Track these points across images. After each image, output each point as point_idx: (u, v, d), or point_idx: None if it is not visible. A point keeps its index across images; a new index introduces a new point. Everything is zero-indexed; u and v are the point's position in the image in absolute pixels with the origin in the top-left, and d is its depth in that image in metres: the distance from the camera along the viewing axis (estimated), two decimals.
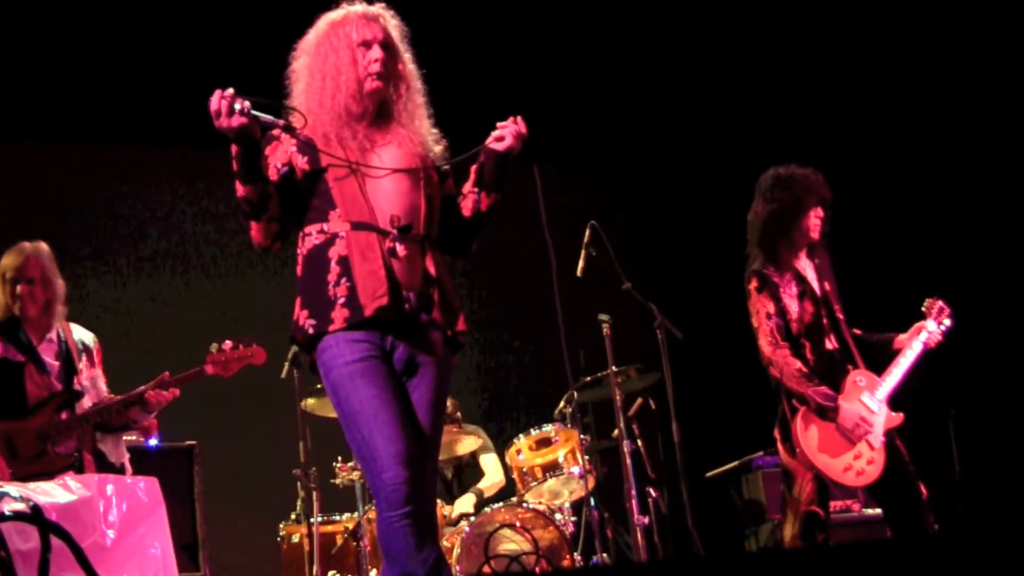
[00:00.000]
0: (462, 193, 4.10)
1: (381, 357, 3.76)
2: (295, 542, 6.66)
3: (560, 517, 6.53)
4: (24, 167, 8.02)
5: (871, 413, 5.13)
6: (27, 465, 5.23)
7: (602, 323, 6.39)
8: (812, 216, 5.27)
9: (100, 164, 8.39)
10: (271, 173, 3.85)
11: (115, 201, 8.48)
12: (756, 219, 5.33)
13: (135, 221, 8.53)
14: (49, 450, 5.30)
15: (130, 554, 4.91)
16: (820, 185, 5.30)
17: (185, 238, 8.65)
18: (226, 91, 3.64)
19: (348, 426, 3.75)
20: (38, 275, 5.48)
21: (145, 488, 5.13)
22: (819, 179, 5.31)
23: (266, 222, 3.82)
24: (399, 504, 3.62)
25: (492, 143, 4.02)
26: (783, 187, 5.27)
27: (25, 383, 5.36)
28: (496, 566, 6.19)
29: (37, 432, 5.30)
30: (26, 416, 5.33)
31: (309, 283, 3.84)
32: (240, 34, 7.62)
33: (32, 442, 5.28)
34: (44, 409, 5.36)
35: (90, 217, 8.34)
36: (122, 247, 8.46)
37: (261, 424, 7.73)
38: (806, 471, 5.12)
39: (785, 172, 5.33)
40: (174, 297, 8.49)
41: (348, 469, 6.57)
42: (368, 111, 3.93)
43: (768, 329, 5.17)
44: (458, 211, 4.09)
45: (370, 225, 3.79)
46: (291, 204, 3.87)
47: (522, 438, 6.79)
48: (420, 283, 3.83)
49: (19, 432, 5.28)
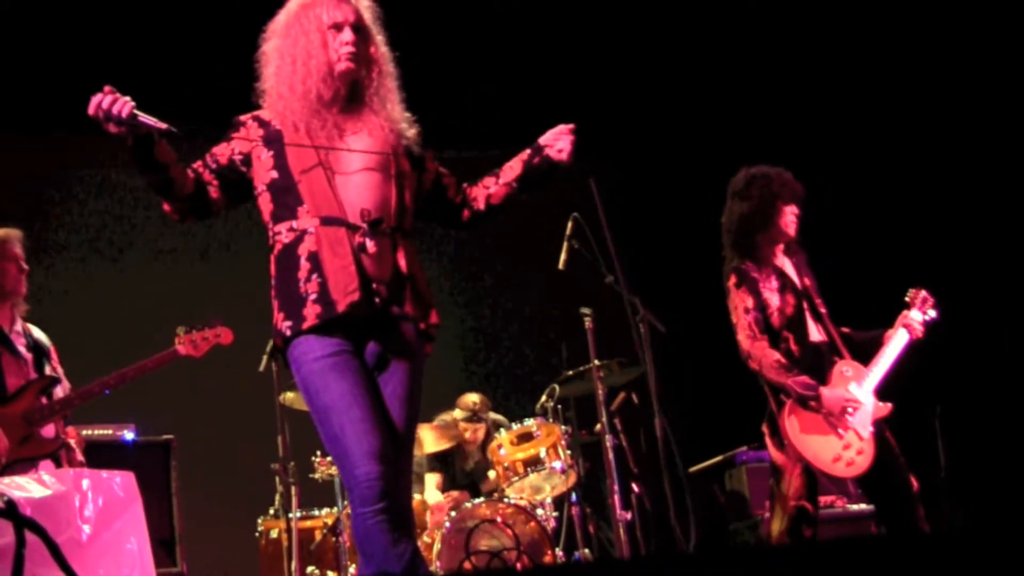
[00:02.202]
0: (484, 186, 4.06)
1: (352, 352, 3.71)
2: (273, 537, 6.63)
3: (541, 512, 6.50)
4: None
5: (858, 402, 5.12)
6: (16, 449, 5.24)
7: (584, 316, 6.34)
8: (788, 213, 5.31)
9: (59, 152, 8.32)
10: (223, 158, 3.84)
11: (72, 189, 8.41)
12: (732, 219, 5.37)
13: (93, 209, 8.46)
14: (36, 433, 5.32)
15: (106, 550, 4.87)
16: (792, 182, 5.34)
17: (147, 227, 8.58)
18: (104, 97, 3.54)
19: (320, 422, 3.69)
20: (22, 257, 5.53)
21: (121, 483, 5.09)
22: (790, 177, 5.36)
23: (173, 202, 3.79)
24: (373, 500, 3.57)
25: (554, 153, 3.98)
26: (757, 185, 5.31)
27: (3, 371, 5.36)
28: (477, 562, 6.15)
29: (22, 416, 5.31)
30: (8, 402, 5.33)
31: (281, 282, 3.79)
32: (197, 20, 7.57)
33: (18, 426, 5.28)
34: (25, 394, 5.37)
35: (45, 205, 8.25)
36: (80, 238, 8.39)
37: (239, 418, 7.68)
38: (795, 465, 5.11)
39: (757, 171, 5.38)
40: (140, 287, 8.41)
41: (327, 464, 6.54)
42: (339, 95, 3.86)
43: (746, 323, 5.19)
44: (452, 193, 4.06)
45: (339, 220, 3.73)
46: (232, 189, 3.87)
47: (503, 432, 6.77)
48: (391, 277, 3.77)
49: (3, 417, 5.27)
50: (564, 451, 6.63)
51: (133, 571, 4.93)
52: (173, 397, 7.64)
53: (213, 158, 3.86)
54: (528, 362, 8.92)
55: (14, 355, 5.42)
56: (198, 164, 3.84)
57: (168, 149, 3.67)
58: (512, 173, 4.03)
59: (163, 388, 7.30)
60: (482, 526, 6.32)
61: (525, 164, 4.02)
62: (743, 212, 5.30)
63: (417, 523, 6.12)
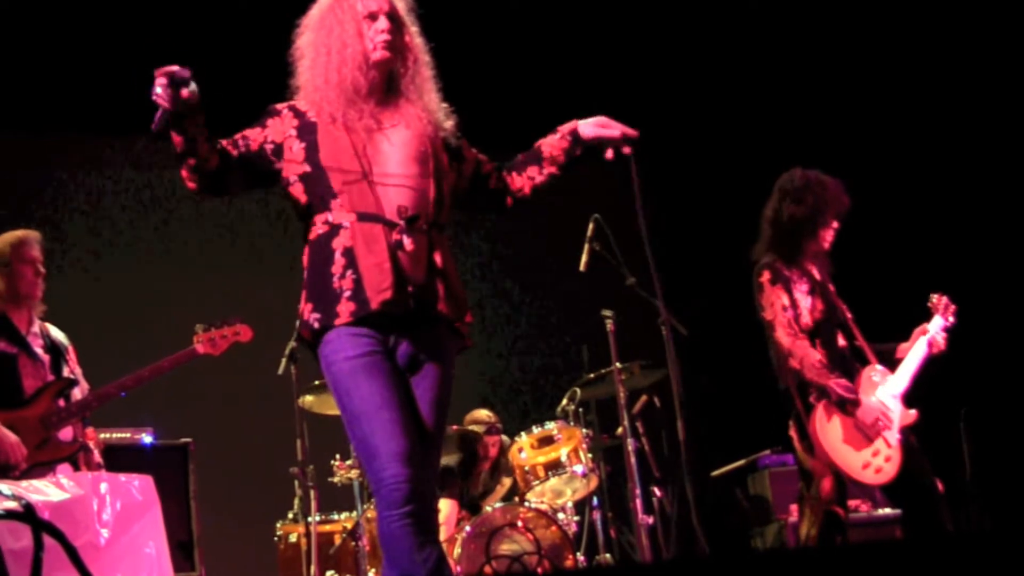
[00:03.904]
0: (529, 176, 4.01)
1: (384, 352, 3.67)
2: (292, 541, 6.59)
3: (562, 516, 6.46)
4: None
5: (888, 409, 5.06)
6: (34, 453, 5.22)
7: (605, 319, 6.29)
8: (831, 226, 5.27)
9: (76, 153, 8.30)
10: (254, 144, 3.78)
11: (89, 191, 8.40)
12: (781, 217, 5.27)
13: (113, 211, 8.45)
14: (53, 437, 5.30)
15: (124, 553, 4.84)
16: (843, 196, 5.28)
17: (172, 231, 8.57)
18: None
19: (349, 422, 3.65)
20: (40, 260, 5.53)
21: (139, 486, 5.07)
22: (842, 190, 5.29)
23: (193, 172, 3.71)
24: (400, 503, 3.53)
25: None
26: (813, 192, 5.23)
27: (20, 373, 5.34)
28: (497, 566, 6.11)
29: (40, 420, 5.28)
30: (25, 405, 5.31)
31: (313, 275, 3.75)
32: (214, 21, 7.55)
33: (35, 430, 5.26)
34: (42, 397, 5.35)
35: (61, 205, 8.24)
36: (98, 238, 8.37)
37: (257, 421, 7.66)
38: (825, 469, 5.04)
39: (816, 177, 5.29)
40: (156, 288, 8.40)
41: (346, 467, 6.50)
42: (376, 85, 3.82)
43: (785, 320, 5.12)
44: (493, 182, 4.02)
45: (376, 216, 3.68)
46: (255, 175, 3.82)
47: (524, 436, 6.71)
48: (426, 276, 3.72)
49: (21, 421, 5.25)
50: (585, 455, 6.58)
51: (151, 575, 4.90)
52: (191, 400, 7.62)
53: (244, 141, 3.79)
54: (549, 365, 8.88)
55: (31, 357, 5.40)
56: (227, 142, 3.78)
57: (201, 122, 3.62)
58: (555, 162, 3.98)
59: (181, 391, 7.29)
60: (503, 530, 6.26)
61: (568, 155, 3.98)
62: (793, 215, 5.23)
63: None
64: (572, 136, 3.97)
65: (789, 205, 5.25)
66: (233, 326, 5.65)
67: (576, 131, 3.97)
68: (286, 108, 3.84)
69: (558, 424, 6.71)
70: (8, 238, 5.52)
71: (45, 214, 7.92)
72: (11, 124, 7.84)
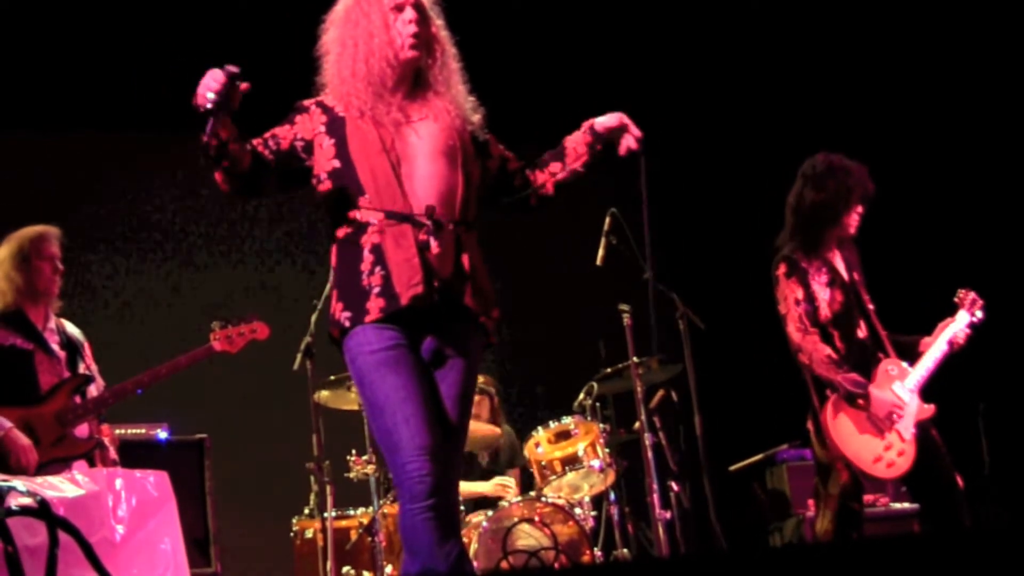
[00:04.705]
0: (551, 172, 4.00)
1: (409, 346, 3.66)
2: (308, 537, 6.57)
3: (580, 511, 6.42)
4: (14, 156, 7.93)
5: (902, 403, 5.03)
6: (50, 450, 5.22)
7: (623, 313, 6.26)
8: (855, 212, 5.21)
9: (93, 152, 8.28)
10: (284, 142, 3.77)
11: (107, 189, 8.39)
12: (803, 204, 5.22)
13: (129, 209, 8.44)
14: (69, 434, 5.30)
15: (140, 550, 4.83)
16: (867, 181, 5.21)
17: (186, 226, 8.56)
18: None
19: (373, 415, 3.65)
20: (59, 256, 5.52)
21: (155, 482, 5.06)
22: (866, 175, 5.23)
23: (226, 175, 3.69)
24: (423, 496, 3.52)
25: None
26: (835, 178, 5.17)
27: (36, 370, 5.34)
28: (514, 561, 6.08)
29: (56, 416, 5.29)
30: (41, 402, 5.31)
31: (343, 274, 3.74)
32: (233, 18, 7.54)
33: (51, 426, 5.26)
34: (59, 394, 5.35)
35: (78, 202, 8.22)
36: (114, 235, 8.36)
37: (273, 417, 7.65)
38: (839, 463, 5.01)
39: (838, 162, 5.23)
40: (172, 285, 8.39)
41: (362, 463, 6.47)
42: (404, 78, 3.81)
43: (797, 315, 5.09)
44: (519, 180, 4.01)
45: (404, 215, 3.66)
46: (287, 174, 3.81)
47: (541, 431, 6.68)
48: (453, 271, 3.71)
49: (37, 417, 5.25)
50: (602, 449, 6.55)
51: (167, 571, 4.90)
52: (207, 396, 7.61)
53: (275, 140, 3.79)
54: (566, 359, 8.84)
55: (48, 353, 5.39)
56: (257, 142, 3.77)
57: (232, 126, 3.60)
58: (579, 159, 3.97)
59: (197, 387, 7.27)
60: (520, 525, 6.24)
61: (590, 150, 3.96)
62: (815, 201, 5.17)
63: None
64: (591, 132, 3.96)
65: (810, 191, 5.20)
66: (250, 323, 5.64)
67: (593, 126, 3.97)
68: (314, 104, 3.83)
69: (575, 419, 6.68)
70: (28, 233, 5.52)
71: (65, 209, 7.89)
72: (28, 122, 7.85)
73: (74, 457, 5.25)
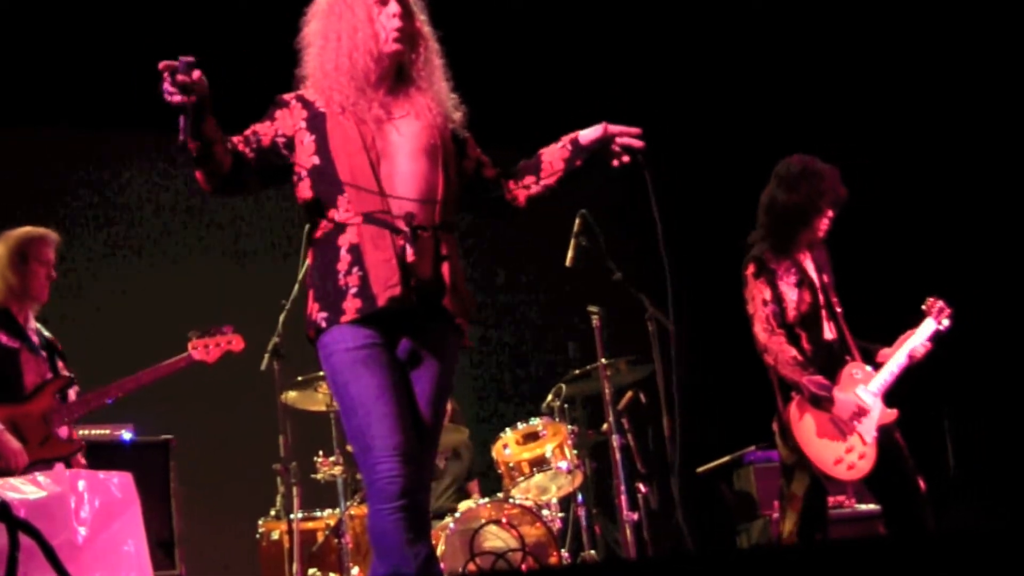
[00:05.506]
0: (524, 185, 3.92)
1: (384, 346, 3.63)
2: (275, 539, 6.54)
3: (547, 513, 6.42)
4: None
5: (866, 406, 5.06)
6: (36, 450, 5.22)
7: (592, 315, 6.25)
8: (826, 216, 5.22)
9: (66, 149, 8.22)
10: (265, 139, 3.71)
11: (79, 187, 8.32)
12: (775, 205, 5.23)
13: (100, 207, 8.37)
14: (54, 435, 5.30)
15: (103, 552, 4.79)
16: (839, 186, 5.22)
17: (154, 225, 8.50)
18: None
19: (346, 414, 3.62)
20: (53, 263, 5.54)
21: (119, 484, 5.01)
22: (839, 179, 5.24)
23: (208, 175, 3.62)
24: (393, 497, 3.50)
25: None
26: (808, 180, 5.17)
27: (22, 368, 5.33)
28: (481, 563, 6.06)
29: (41, 416, 5.28)
30: (26, 401, 5.30)
31: (320, 273, 3.70)
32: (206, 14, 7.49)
33: (37, 426, 5.26)
34: (43, 394, 5.35)
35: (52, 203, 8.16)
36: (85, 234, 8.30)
37: (239, 417, 7.60)
38: (802, 464, 5.03)
39: (812, 165, 5.24)
40: (142, 287, 8.32)
41: (329, 464, 6.45)
42: (387, 73, 3.77)
43: (764, 316, 5.11)
44: (491, 187, 3.95)
45: (382, 220, 3.62)
46: (269, 171, 3.74)
47: (509, 432, 6.67)
48: (431, 273, 3.68)
49: (23, 416, 5.25)
50: (570, 451, 6.55)
51: (131, 574, 4.85)
52: (172, 396, 7.54)
53: (255, 136, 3.72)
54: (535, 361, 8.84)
55: (33, 352, 5.38)
56: (238, 139, 3.70)
57: (215, 126, 3.53)
58: (554, 175, 3.88)
59: (162, 387, 7.17)
60: (487, 527, 6.23)
61: (567, 166, 3.87)
62: (786, 202, 5.18)
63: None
64: (573, 145, 3.87)
65: (783, 193, 5.20)
66: (226, 335, 5.72)
67: (576, 139, 3.88)
68: (294, 99, 3.78)
69: (543, 420, 6.68)
70: (31, 233, 5.48)
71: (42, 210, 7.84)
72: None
73: (58, 459, 5.25)
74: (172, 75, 3.38)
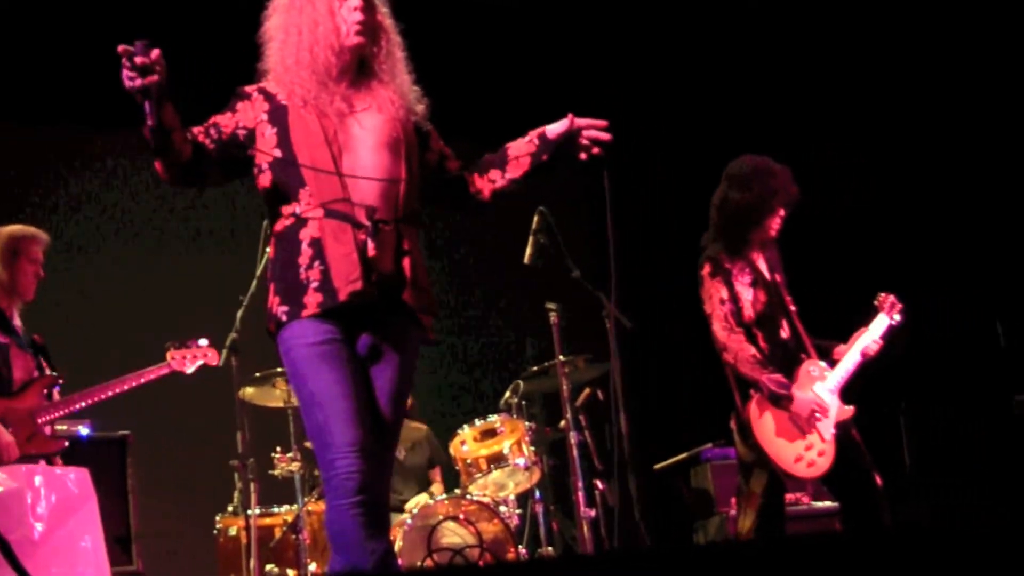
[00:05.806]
0: (490, 179, 3.92)
1: (345, 341, 3.63)
2: (232, 535, 6.52)
3: (505, 509, 6.44)
4: None
5: (824, 404, 5.09)
6: (24, 445, 5.22)
7: (550, 312, 6.26)
8: (778, 215, 5.23)
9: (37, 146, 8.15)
10: (226, 129, 3.70)
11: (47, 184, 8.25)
12: (727, 205, 5.25)
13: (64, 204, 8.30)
14: (40, 432, 5.30)
15: (60, 548, 4.78)
16: (791, 185, 5.24)
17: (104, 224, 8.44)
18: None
19: (305, 410, 3.62)
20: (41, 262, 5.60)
21: (75, 479, 5.00)
22: (791, 178, 5.26)
23: (167, 165, 3.61)
24: (351, 492, 3.50)
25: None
26: (760, 181, 5.19)
27: (11, 364, 5.35)
28: (439, 559, 6.07)
29: (28, 413, 5.29)
30: (15, 396, 5.30)
31: (280, 267, 3.69)
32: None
33: (25, 422, 5.27)
34: (31, 390, 5.36)
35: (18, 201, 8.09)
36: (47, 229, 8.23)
37: (197, 413, 7.55)
38: (760, 462, 5.06)
39: (763, 165, 5.25)
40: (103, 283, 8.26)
41: (287, 460, 6.45)
42: (348, 66, 3.76)
43: (722, 314, 5.12)
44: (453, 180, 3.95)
45: (344, 213, 3.62)
46: (229, 163, 3.74)
47: (466, 428, 6.68)
48: (393, 268, 3.68)
49: (11, 411, 5.24)
50: (528, 447, 6.56)
51: (87, 570, 4.84)
52: (130, 392, 7.50)
53: (216, 128, 3.71)
54: (493, 357, 8.84)
55: (21, 348, 5.38)
56: (198, 130, 3.68)
57: (174, 114, 3.51)
58: (519, 169, 3.89)
59: None
60: (445, 523, 6.23)
61: (533, 160, 3.88)
62: (738, 202, 5.19)
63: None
64: (540, 140, 3.88)
65: (735, 192, 5.22)
66: (203, 348, 5.85)
67: (544, 134, 3.87)
68: (256, 91, 3.76)
69: (501, 417, 6.69)
70: (24, 231, 5.53)
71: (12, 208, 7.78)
72: None
73: (43, 456, 5.25)
74: (131, 59, 3.37)
